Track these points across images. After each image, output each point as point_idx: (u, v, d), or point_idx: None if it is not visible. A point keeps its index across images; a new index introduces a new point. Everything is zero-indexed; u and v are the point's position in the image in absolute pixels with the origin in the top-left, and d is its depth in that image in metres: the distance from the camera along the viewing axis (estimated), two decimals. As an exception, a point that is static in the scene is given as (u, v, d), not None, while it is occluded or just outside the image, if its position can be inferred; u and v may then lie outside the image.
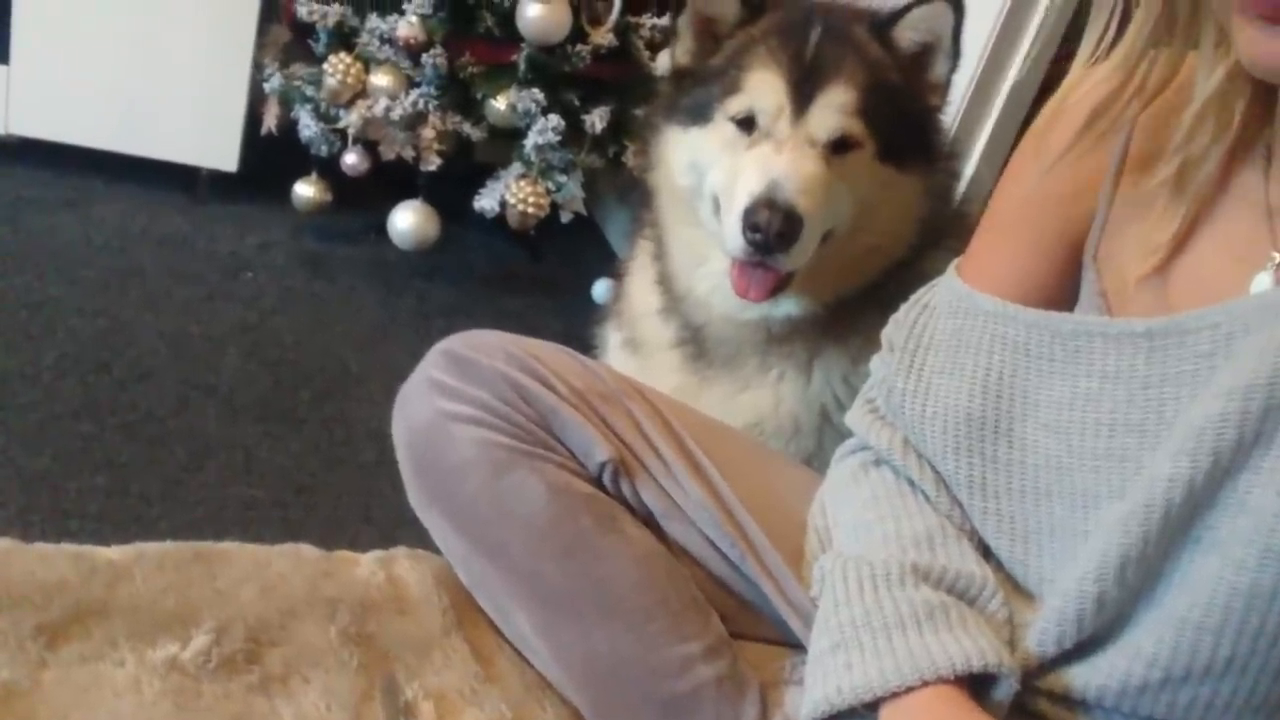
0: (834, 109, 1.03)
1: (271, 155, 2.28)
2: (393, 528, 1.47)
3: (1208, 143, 0.65)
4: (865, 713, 0.64)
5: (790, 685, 0.82)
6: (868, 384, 0.84)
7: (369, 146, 2.12)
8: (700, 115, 1.09)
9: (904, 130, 1.07)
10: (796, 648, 0.83)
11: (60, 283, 1.96)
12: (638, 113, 1.98)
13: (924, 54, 1.08)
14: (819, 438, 1.14)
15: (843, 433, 0.95)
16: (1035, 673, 0.66)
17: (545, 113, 2.01)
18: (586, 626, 0.80)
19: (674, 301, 1.19)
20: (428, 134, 2.07)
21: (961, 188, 1.25)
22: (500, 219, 2.11)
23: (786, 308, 1.10)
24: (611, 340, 1.31)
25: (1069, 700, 0.65)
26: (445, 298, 2.29)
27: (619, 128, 2.12)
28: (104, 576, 0.79)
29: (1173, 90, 0.68)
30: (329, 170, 2.19)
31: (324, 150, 2.12)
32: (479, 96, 2.08)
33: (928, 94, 1.10)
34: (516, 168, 2.08)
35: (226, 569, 0.84)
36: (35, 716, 0.69)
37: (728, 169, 1.05)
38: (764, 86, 1.04)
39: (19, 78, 2.18)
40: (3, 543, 0.80)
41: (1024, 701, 0.66)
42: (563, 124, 2.01)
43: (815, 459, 1.12)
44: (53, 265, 2.01)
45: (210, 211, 2.37)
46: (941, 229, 1.13)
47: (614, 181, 2.28)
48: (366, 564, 0.89)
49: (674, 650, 0.79)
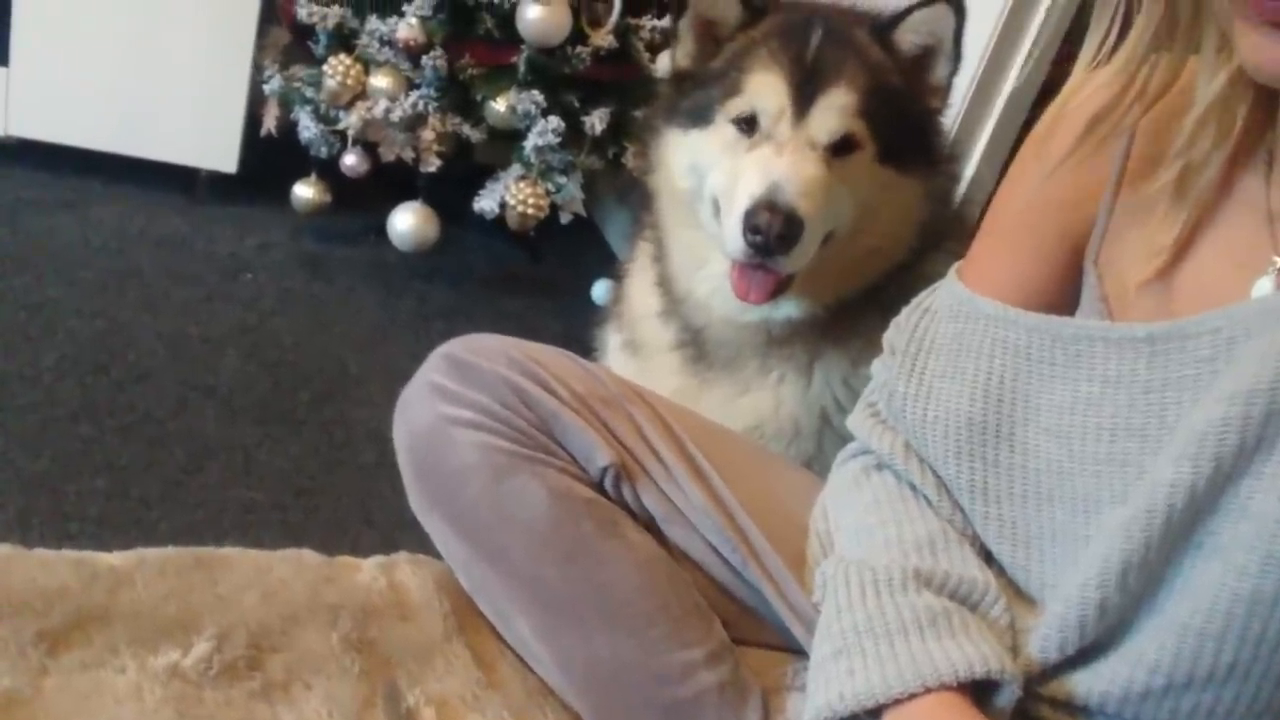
0: (835, 111, 1.03)
1: (271, 157, 2.27)
2: (393, 530, 1.48)
3: (1209, 148, 0.65)
4: (868, 719, 0.64)
5: (792, 691, 0.82)
6: (869, 388, 0.84)
7: (369, 148, 2.11)
8: (701, 117, 1.09)
9: (905, 133, 1.07)
10: (798, 653, 0.83)
11: (59, 284, 1.96)
12: (637, 114, 1.98)
13: (925, 56, 1.08)
14: (819, 441, 1.14)
15: (843, 436, 0.95)
16: (1037, 679, 0.66)
17: (545, 114, 2.01)
18: (588, 632, 0.80)
19: (674, 304, 1.19)
20: (427, 135, 2.06)
21: (961, 189, 1.25)
22: (500, 220, 2.11)
23: (787, 310, 1.10)
24: (611, 342, 1.31)
25: (1071, 706, 0.65)
26: (445, 299, 2.28)
27: (619, 129, 2.12)
28: (105, 583, 0.79)
29: (1174, 95, 0.68)
30: (328, 172, 2.19)
31: (323, 152, 2.12)
32: (479, 98, 2.08)
33: (928, 96, 1.10)
34: (516, 169, 2.07)
35: (228, 575, 0.83)
36: (36, 723, 0.69)
37: (728, 171, 1.05)
38: (765, 88, 1.04)
39: (18, 79, 2.18)
40: (3, 549, 0.80)
41: (1026, 708, 0.66)
42: (562, 125, 2.01)
43: (815, 462, 1.12)
44: (51, 266, 2.01)
45: (209, 213, 2.37)
46: (942, 231, 1.13)
47: (614, 183, 2.28)
48: (368, 569, 0.89)
49: (676, 656, 0.79)
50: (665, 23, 2.09)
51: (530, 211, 2.05)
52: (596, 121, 2.07)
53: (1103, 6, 0.67)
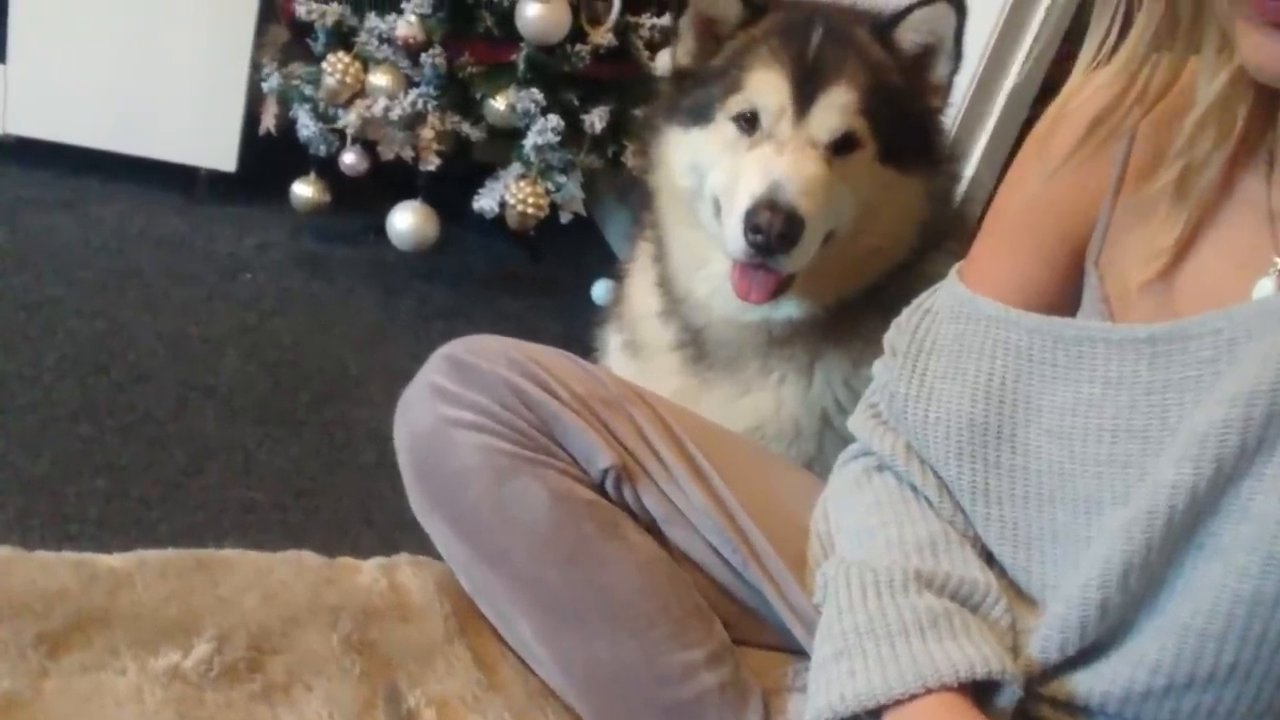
0: (836, 109, 1.02)
1: (270, 155, 2.27)
2: (393, 531, 1.47)
3: (1210, 148, 0.65)
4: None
5: (793, 692, 0.82)
6: (870, 389, 0.84)
7: (368, 146, 2.11)
8: (701, 116, 1.09)
9: (905, 132, 1.07)
10: (799, 654, 0.83)
11: (58, 284, 1.96)
12: (637, 113, 1.98)
13: (926, 55, 1.08)
14: (820, 441, 1.14)
15: (844, 437, 0.95)
16: (1038, 679, 0.66)
17: (544, 113, 2.00)
18: (589, 633, 0.80)
19: (674, 304, 1.19)
20: (427, 134, 2.06)
21: (961, 189, 1.25)
22: (499, 219, 2.11)
23: (787, 310, 1.10)
24: (611, 343, 1.31)
25: (1072, 707, 0.65)
26: (444, 299, 2.28)
27: (618, 128, 2.12)
28: (105, 584, 0.79)
29: (1175, 95, 0.68)
30: (328, 170, 2.19)
31: (323, 150, 2.12)
32: (478, 96, 2.07)
33: (929, 95, 1.10)
34: (516, 168, 2.07)
35: (228, 576, 0.83)
36: (37, 726, 0.69)
37: (729, 170, 1.05)
38: (766, 86, 1.04)
39: (16, 77, 2.17)
40: (3, 550, 0.80)
41: (1027, 708, 0.66)
42: (562, 124, 2.00)
43: (816, 463, 1.12)
44: (50, 266, 2.01)
45: (208, 212, 2.36)
46: (942, 231, 1.13)
47: (613, 182, 2.28)
48: (368, 571, 0.89)
49: (677, 657, 0.79)
50: (665, 21, 2.09)
51: (530, 211, 2.05)
52: (596, 120, 2.06)
53: (1103, 6, 0.67)
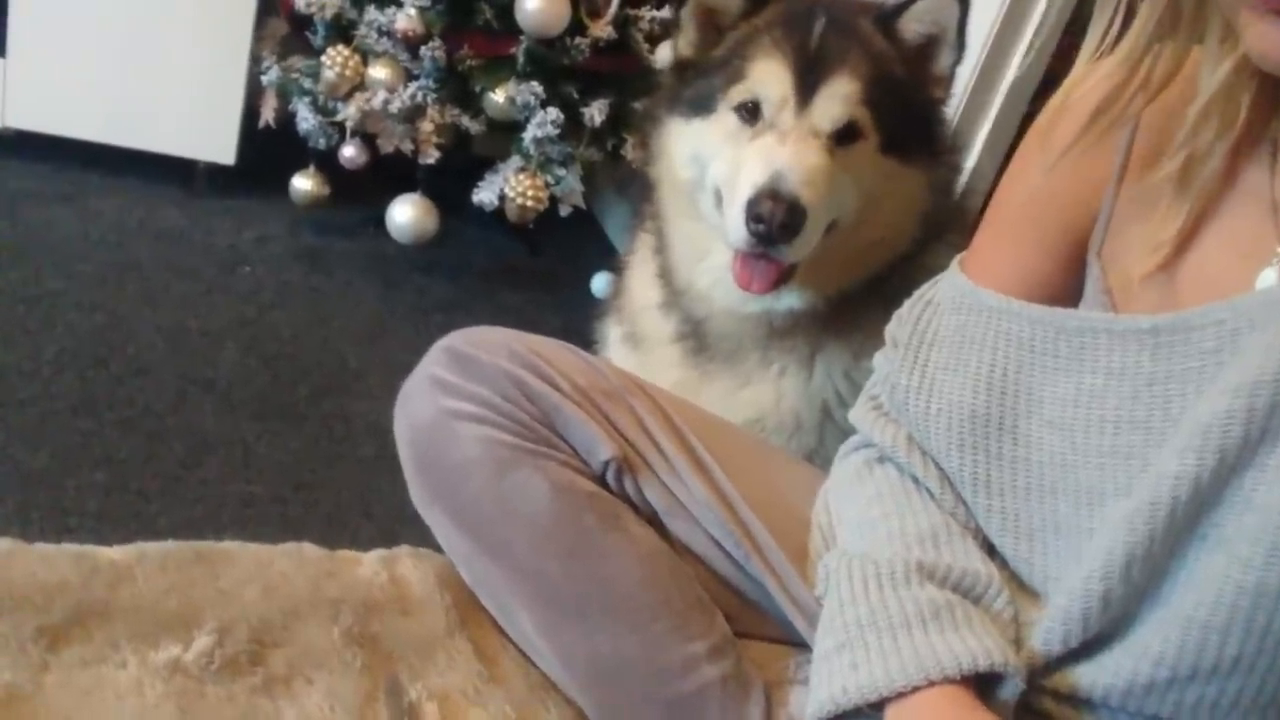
0: (838, 99, 1.02)
1: (269, 148, 2.27)
2: (394, 524, 1.47)
3: (1212, 138, 0.65)
4: (871, 713, 0.64)
5: (795, 685, 0.82)
6: (871, 380, 0.84)
7: (367, 139, 2.11)
8: (703, 106, 1.09)
9: (908, 122, 1.07)
10: (801, 646, 0.83)
11: (57, 277, 1.95)
12: (637, 106, 1.98)
13: (928, 46, 1.07)
14: (820, 434, 1.13)
15: (844, 429, 0.95)
16: (1041, 672, 0.66)
17: (544, 106, 2.00)
18: (590, 626, 0.79)
19: (675, 295, 1.19)
20: (426, 127, 2.06)
21: (963, 180, 1.25)
22: (499, 212, 2.10)
23: (789, 301, 1.10)
24: (611, 335, 1.31)
25: (1075, 699, 0.65)
26: (444, 292, 2.28)
27: (618, 121, 2.11)
28: (105, 577, 0.79)
29: (1177, 85, 0.67)
30: (327, 163, 2.18)
31: (322, 143, 2.11)
32: (477, 89, 2.07)
33: (932, 86, 1.10)
34: (515, 161, 2.07)
35: (229, 569, 0.83)
36: None
37: (730, 160, 1.05)
38: (769, 76, 1.04)
39: (15, 70, 2.17)
40: (3, 543, 0.79)
41: (1030, 701, 0.66)
42: (562, 117, 2.00)
43: (817, 455, 1.12)
44: (50, 259, 2.00)
45: (208, 205, 2.36)
46: (943, 222, 1.13)
47: (613, 175, 2.27)
48: (369, 564, 0.89)
49: (678, 650, 0.79)
50: (664, 13, 2.09)
51: (529, 204, 2.05)
52: (596, 113, 2.06)
53: (1106, -4, 0.67)
